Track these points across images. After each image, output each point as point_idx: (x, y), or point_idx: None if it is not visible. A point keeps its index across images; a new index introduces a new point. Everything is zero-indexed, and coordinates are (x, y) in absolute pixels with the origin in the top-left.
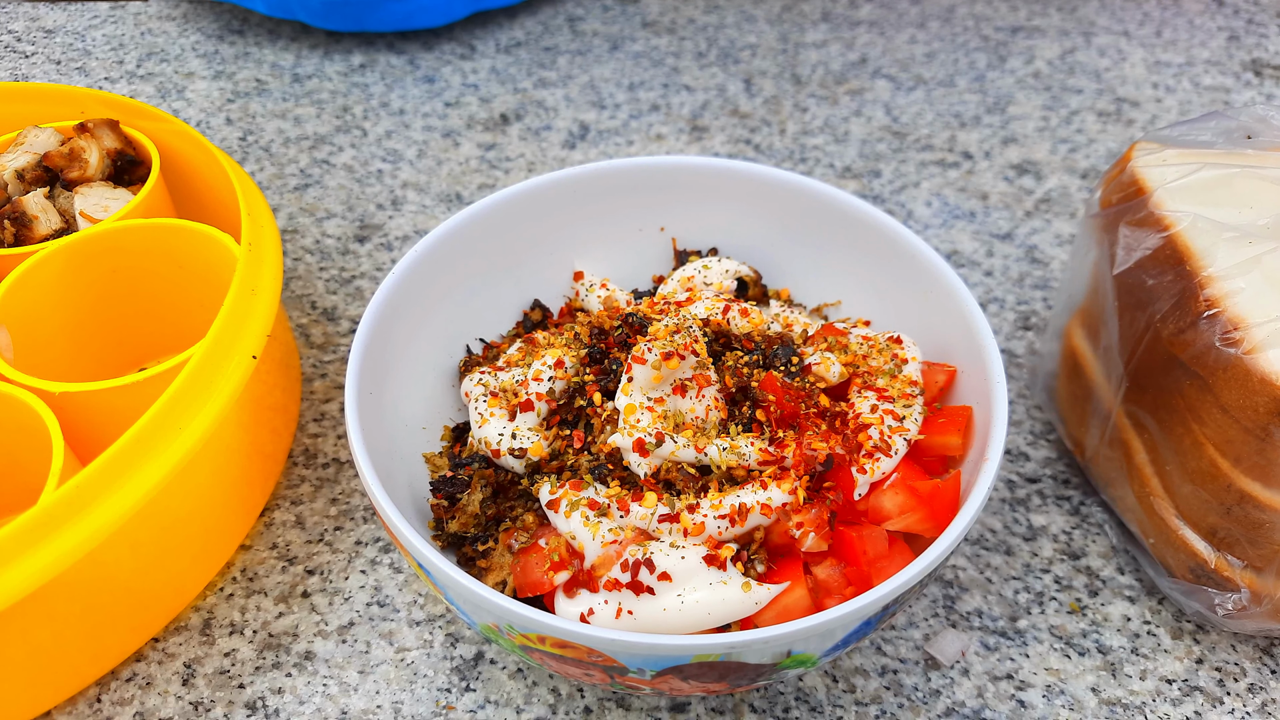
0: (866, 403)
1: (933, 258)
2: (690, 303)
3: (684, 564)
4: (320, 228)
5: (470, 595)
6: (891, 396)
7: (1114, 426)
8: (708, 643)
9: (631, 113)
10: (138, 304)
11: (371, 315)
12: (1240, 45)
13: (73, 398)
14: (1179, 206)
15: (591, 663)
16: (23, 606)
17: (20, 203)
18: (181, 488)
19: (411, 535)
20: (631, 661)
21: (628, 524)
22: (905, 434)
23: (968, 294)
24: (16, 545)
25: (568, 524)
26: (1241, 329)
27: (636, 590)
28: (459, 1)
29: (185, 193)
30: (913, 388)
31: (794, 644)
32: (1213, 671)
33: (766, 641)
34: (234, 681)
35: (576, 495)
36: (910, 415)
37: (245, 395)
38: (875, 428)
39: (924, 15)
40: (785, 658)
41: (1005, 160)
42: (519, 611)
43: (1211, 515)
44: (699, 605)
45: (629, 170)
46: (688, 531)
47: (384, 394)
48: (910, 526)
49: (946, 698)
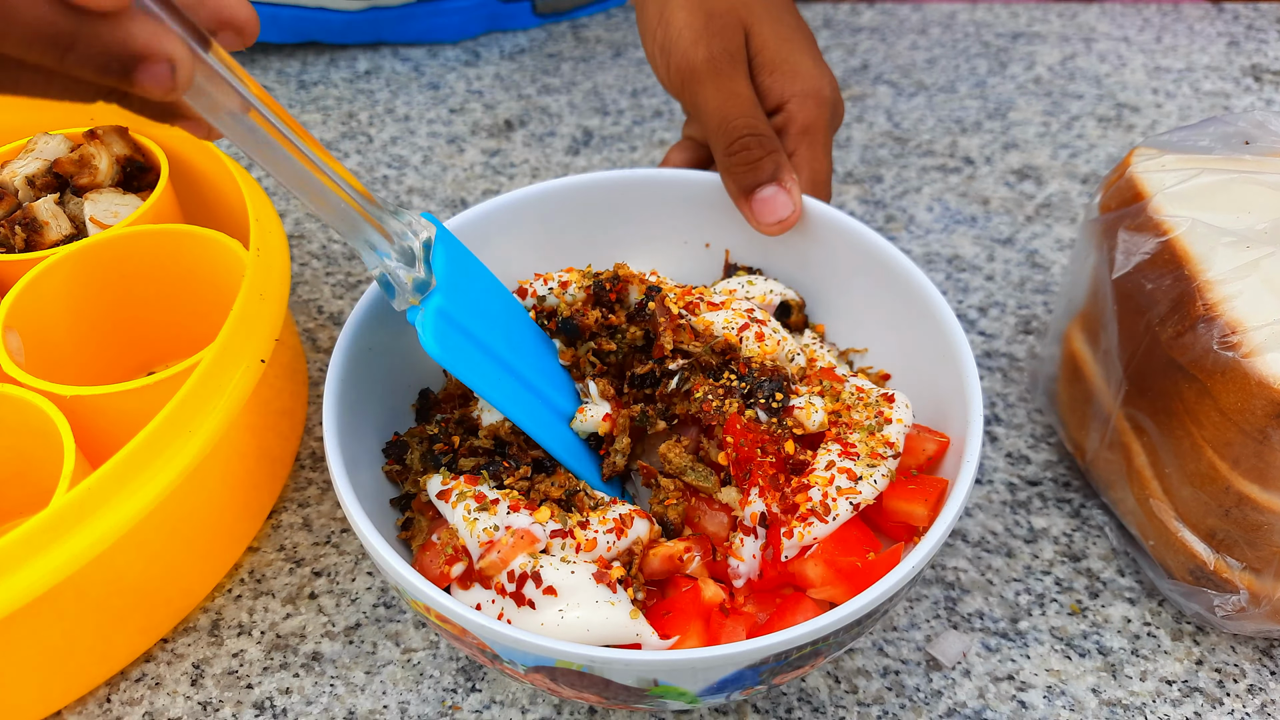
0: (827, 457)
1: (952, 325)
2: (717, 308)
3: (572, 579)
4: (327, 233)
5: (376, 556)
6: (857, 454)
7: (1114, 429)
8: (569, 650)
9: (635, 119)
10: (146, 308)
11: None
12: (1240, 51)
13: (83, 401)
14: (1177, 211)
15: (473, 645)
16: (34, 608)
17: (31, 209)
18: (191, 491)
19: (346, 491)
20: (504, 652)
21: (509, 524)
22: (855, 497)
23: (972, 367)
24: (28, 547)
25: (453, 515)
26: (1239, 333)
27: (518, 601)
28: (473, 22)
29: (193, 198)
30: (886, 448)
31: (656, 674)
32: (1212, 673)
33: (627, 664)
34: (242, 682)
35: (467, 489)
36: (870, 478)
37: (253, 399)
38: (819, 488)
39: (925, 22)
40: (654, 685)
41: (1006, 165)
42: (409, 579)
43: (1210, 517)
44: (579, 621)
45: (678, 181)
46: (580, 546)
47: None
48: (831, 598)
49: (948, 698)
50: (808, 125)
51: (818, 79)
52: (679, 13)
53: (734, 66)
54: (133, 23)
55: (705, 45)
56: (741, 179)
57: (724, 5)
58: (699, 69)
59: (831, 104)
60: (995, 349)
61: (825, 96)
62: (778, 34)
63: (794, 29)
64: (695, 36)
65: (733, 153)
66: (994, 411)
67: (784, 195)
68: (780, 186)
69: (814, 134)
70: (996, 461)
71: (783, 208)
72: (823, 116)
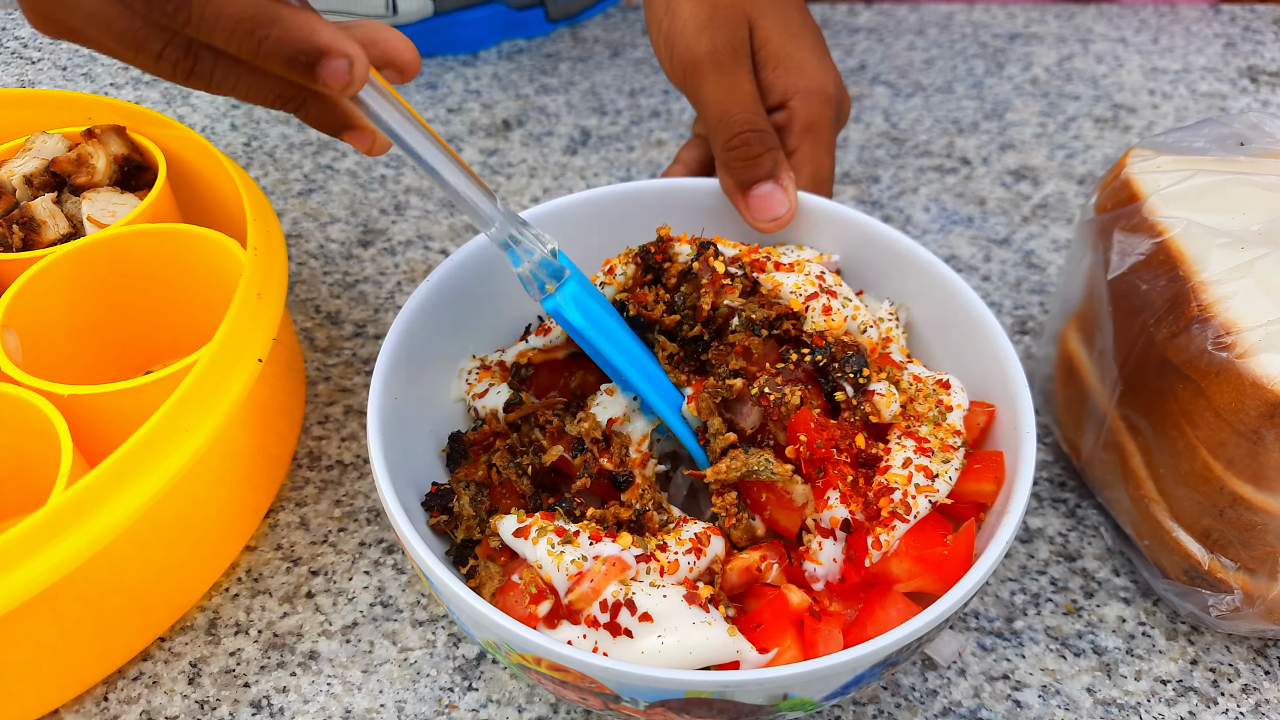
0: (902, 453)
1: (972, 298)
2: (788, 270)
3: (665, 603)
4: (324, 232)
5: (471, 611)
6: (931, 449)
7: (1109, 430)
8: (700, 679)
9: (632, 119)
10: (144, 307)
11: (414, 307)
12: (1236, 52)
13: (81, 400)
14: (1172, 212)
15: (586, 688)
16: (31, 606)
17: (29, 208)
18: (188, 489)
19: (418, 545)
20: (624, 691)
21: (597, 553)
22: (934, 494)
23: (1002, 334)
24: (26, 546)
25: (534, 552)
26: (1233, 334)
27: (614, 632)
28: (488, 32)
29: (191, 198)
30: (955, 438)
31: (790, 688)
32: (1207, 672)
33: (761, 683)
34: (239, 680)
35: (546, 524)
36: (945, 474)
37: (251, 398)
38: (900, 488)
39: (922, 22)
40: (782, 700)
41: (1003, 166)
42: (515, 631)
43: (1205, 517)
44: (679, 645)
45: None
46: (664, 570)
47: (411, 398)
48: (921, 588)
49: (943, 697)
50: (810, 123)
51: (821, 76)
52: (685, 3)
53: (736, 60)
54: (320, 23)
55: (709, 37)
56: (739, 174)
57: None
58: (701, 62)
59: (836, 101)
60: None
61: (829, 94)
62: (783, 29)
63: (800, 25)
64: (699, 28)
65: (731, 148)
66: None
67: (780, 193)
68: (777, 184)
69: (816, 132)
70: None
71: (778, 205)
72: (826, 114)
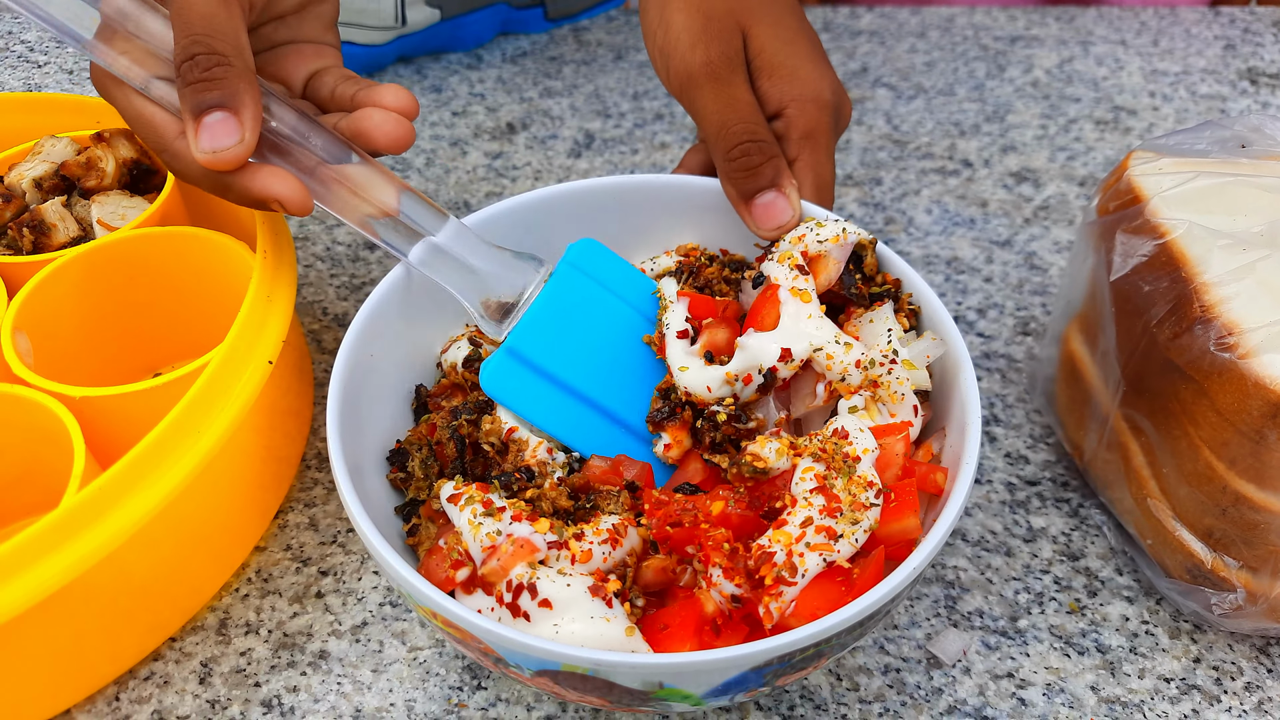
0: (805, 511)
1: (949, 326)
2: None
3: (567, 592)
4: (331, 235)
5: (382, 561)
6: (840, 507)
7: (1112, 430)
8: (574, 654)
9: (636, 121)
10: (153, 310)
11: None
12: (1236, 54)
13: (92, 402)
14: (1174, 214)
15: (477, 649)
16: (44, 607)
17: (39, 211)
18: (199, 491)
19: (351, 499)
20: (509, 656)
21: (510, 532)
22: (830, 554)
23: (969, 366)
24: (39, 547)
25: (459, 519)
26: (1236, 334)
27: (514, 613)
28: (487, 29)
29: (199, 201)
30: (868, 491)
31: (663, 677)
32: (1210, 670)
33: (632, 667)
34: (250, 680)
35: (477, 494)
36: (852, 535)
37: (261, 400)
38: (784, 549)
39: (924, 25)
40: (658, 688)
41: (1004, 168)
42: (415, 584)
43: (1207, 516)
44: (573, 637)
45: (681, 186)
46: (575, 558)
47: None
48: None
49: (948, 696)
50: (808, 130)
51: (818, 82)
52: (678, 15)
53: (732, 71)
54: (258, 174)
55: (703, 49)
56: (741, 185)
57: (723, 7)
58: (697, 73)
59: (834, 107)
60: (994, 350)
61: (826, 100)
62: (778, 36)
63: (796, 31)
64: (693, 40)
65: (732, 159)
66: (993, 412)
67: (783, 201)
68: (779, 192)
69: (815, 139)
70: (995, 461)
71: (782, 213)
72: (824, 121)
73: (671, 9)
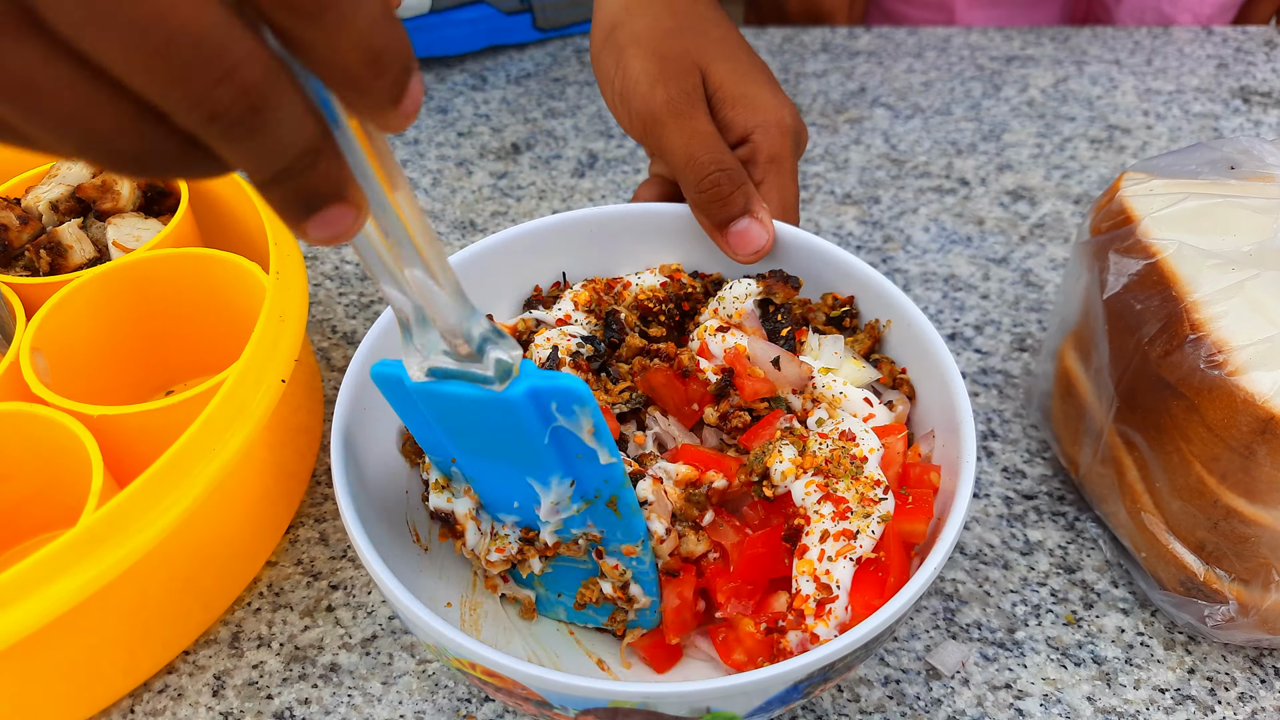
0: (820, 525)
1: (932, 337)
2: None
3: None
4: (339, 254)
5: (410, 616)
6: (850, 507)
7: (1106, 445)
8: (622, 689)
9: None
10: (166, 329)
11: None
12: (1229, 73)
13: (110, 419)
14: (1165, 234)
15: (518, 694)
16: (63, 622)
17: (56, 233)
18: (213, 507)
19: (365, 545)
20: (553, 698)
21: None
22: (853, 552)
23: (958, 378)
24: (58, 564)
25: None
26: (1225, 352)
27: None
28: (476, 35)
29: (212, 222)
30: (876, 489)
31: (712, 701)
32: (1204, 681)
33: (683, 696)
34: (262, 693)
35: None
36: (867, 528)
37: (273, 418)
38: (810, 576)
39: (921, 45)
40: (706, 713)
41: (1000, 186)
42: (452, 637)
43: (1200, 530)
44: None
45: (652, 214)
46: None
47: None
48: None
49: (947, 706)
50: (773, 154)
51: (778, 109)
52: (634, 61)
53: (693, 106)
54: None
55: (663, 88)
56: (714, 214)
57: (678, 49)
58: (659, 112)
59: (794, 131)
60: (991, 366)
61: (787, 125)
62: (734, 70)
63: (749, 64)
64: (652, 81)
65: (703, 189)
66: (990, 427)
67: (757, 226)
68: (753, 217)
69: (780, 162)
70: (993, 476)
71: (758, 238)
72: (786, 145)
73: (627, 55)
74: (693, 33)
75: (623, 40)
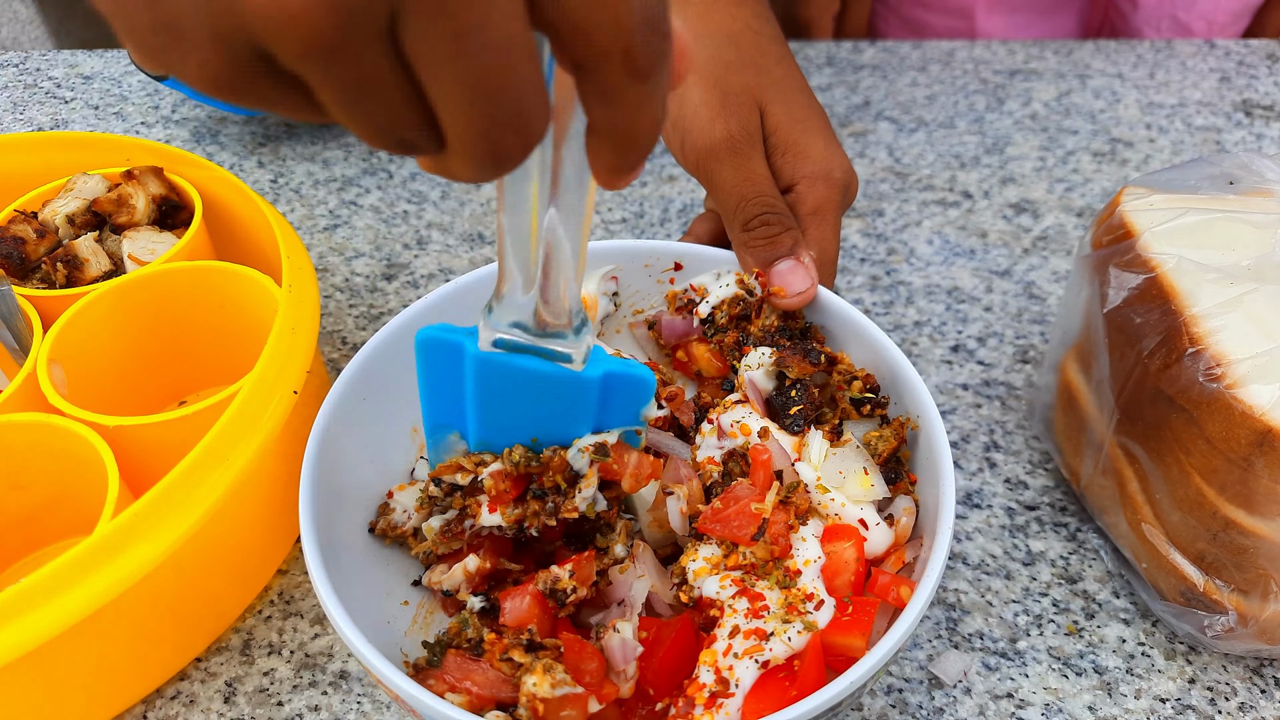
0: (732, 620)
1: (920, 391)
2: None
3: None
4: (349, 266)
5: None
6: (768, 606)
7: (1107, 456)
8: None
9: None
10: (181, 341)
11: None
12: (1231, 86)
13: (125, 430)
14: (1165, 249)
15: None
16: (78, 629)
17: (72, 246)
18: (227, 516)
19: (374, 658)
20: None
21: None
22: (761, 654)
23: (946, 451)
24: (75, 572)
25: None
26: (1224, 365)
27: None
28: None
29: (225, 235)
30: (807, 603)
31: None
32: (1204, 691)
33: None
34: (273, 699)
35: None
36: (784, 633)
37: (284, 428)
38: (712, 667)
39: (925, 59)
40: None
41: (1004, 199)
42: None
43: (1199, 541)
44: None
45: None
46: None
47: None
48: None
49: (950, 716)
50: (817, 207)
51: (828, 161)
52: (694, 91)
53: (751, 146)
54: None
55: (723, 124)
56: (760, 254)
57: (739, 84)
58: (718, 148)
59: (842, 185)
60: (994, 378)
61: (835, 179)
62: (791, 114)
63: (807, 109)
64: (713, 115)
65: (750, 229)
66: (993, 438)
67: (802, 269)
68: (798, 261)
69: (823, 215)
70: (995, 487)
71: (801, 280)
72: (832, 198)
73: (687, 85)
74: (755, 69)
75: None
